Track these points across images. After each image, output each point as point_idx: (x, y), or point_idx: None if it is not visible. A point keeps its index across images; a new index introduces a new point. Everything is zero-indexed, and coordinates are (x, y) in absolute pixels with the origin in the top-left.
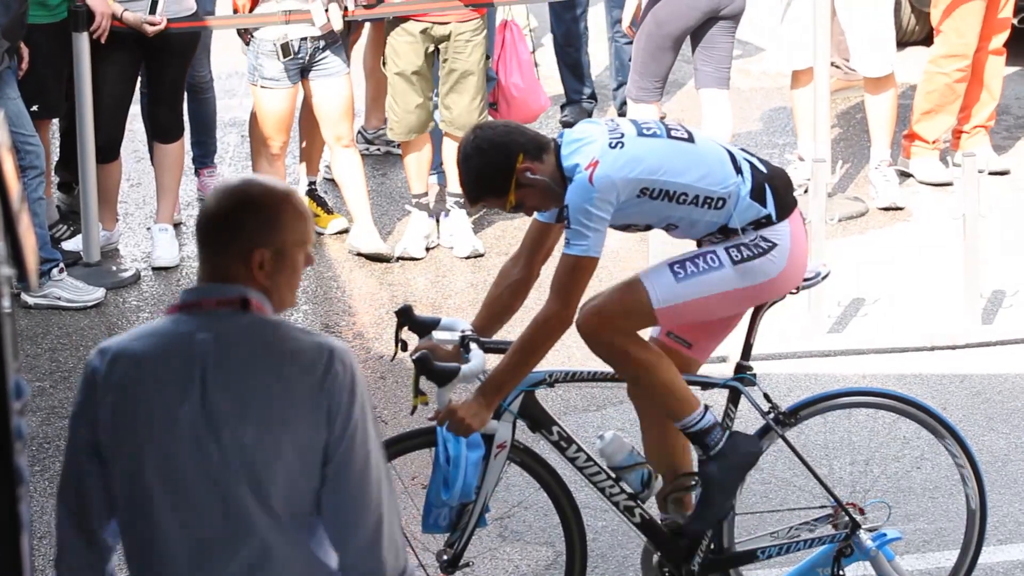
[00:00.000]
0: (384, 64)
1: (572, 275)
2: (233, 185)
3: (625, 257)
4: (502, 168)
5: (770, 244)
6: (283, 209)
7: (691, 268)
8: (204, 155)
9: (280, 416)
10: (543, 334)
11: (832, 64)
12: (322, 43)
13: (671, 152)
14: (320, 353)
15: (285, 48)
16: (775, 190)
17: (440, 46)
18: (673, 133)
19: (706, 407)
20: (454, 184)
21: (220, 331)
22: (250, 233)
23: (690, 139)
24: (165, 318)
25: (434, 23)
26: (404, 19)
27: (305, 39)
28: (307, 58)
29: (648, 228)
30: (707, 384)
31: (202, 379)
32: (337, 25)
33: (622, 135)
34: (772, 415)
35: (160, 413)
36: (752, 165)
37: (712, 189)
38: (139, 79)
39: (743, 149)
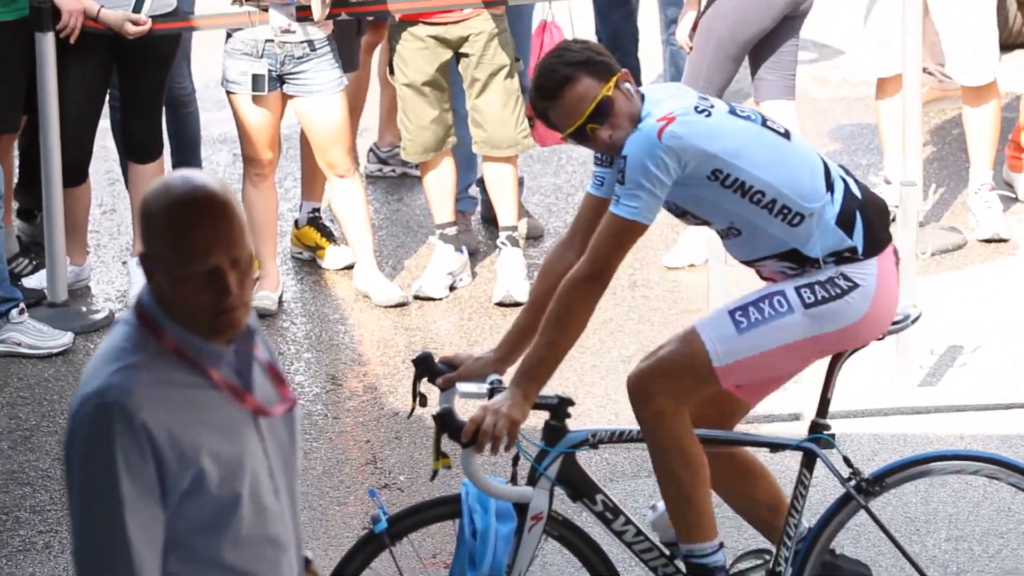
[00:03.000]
0: (391, 73)
1: (615, 239)
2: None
3: (684, 291)
4: (607, 63)
5: (850, 284)
6: (158, 212)
7: (755, 315)
8: None
9: None
10: (574, 301)
11: (924, 71)
12: (297, 52)
13: (761, 141)
14: (85, 384)
15: (256, 81)
16: (867, 221)
17: (458, 52)
18: (769, 124)
19: (721, 544)
20: (505, 216)
21: (113, 325)
22: (140, 235)
23: (786, 136)
24: None
25: (442, 23)
26: (410, 22)
27: (272, 41)
28: (278, 66)
29: (707, 223)
30: (776, 445)
31: None
32: (323, 14)
33: (712, 106)
34: (853, 482)
35: None
36: (847, 187)
37: (793, 199)
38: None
39: (842, 166)
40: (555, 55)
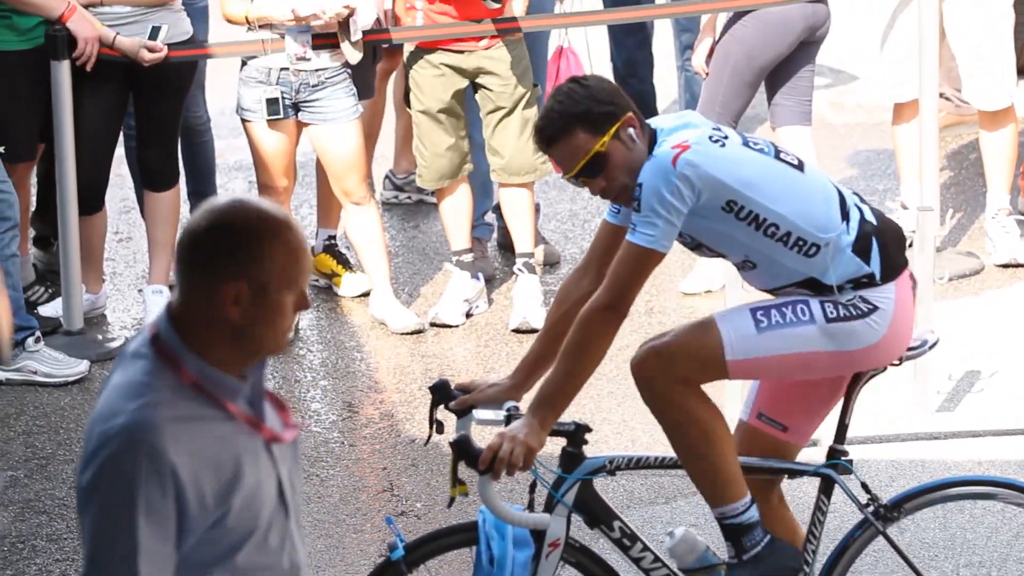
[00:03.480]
0: (407, 103)
1: (632, 267)
2: (221, 204)
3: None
4: (611, 107)
5: (870, 307)
6: (270, 238)
7: (776, 317)
8: None
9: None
10: (593, 331)
11: (941, 95)
12: (312, 79)
13: (773, 173)
14: (102, 424)
15: (271, 104)
16: (883, 247)
17: (475, 81)
18: (782, 156)
19: (753, 499)
20: (522, 243)
21: (129, 358)
22: (223, 262)
23: (799, 167)
24: None
25: (460, 51)
26: (427, 49)
27: (287, 69)
28: (292, 94)
29: (722, 256)
30: (794, 471)
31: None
32: (356, 57)
33: (726, 136)
34: (872, 508)
35: None
36: (862, 214)
37: (808, 231)
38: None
39: (856, 193)
40: (559, 99)
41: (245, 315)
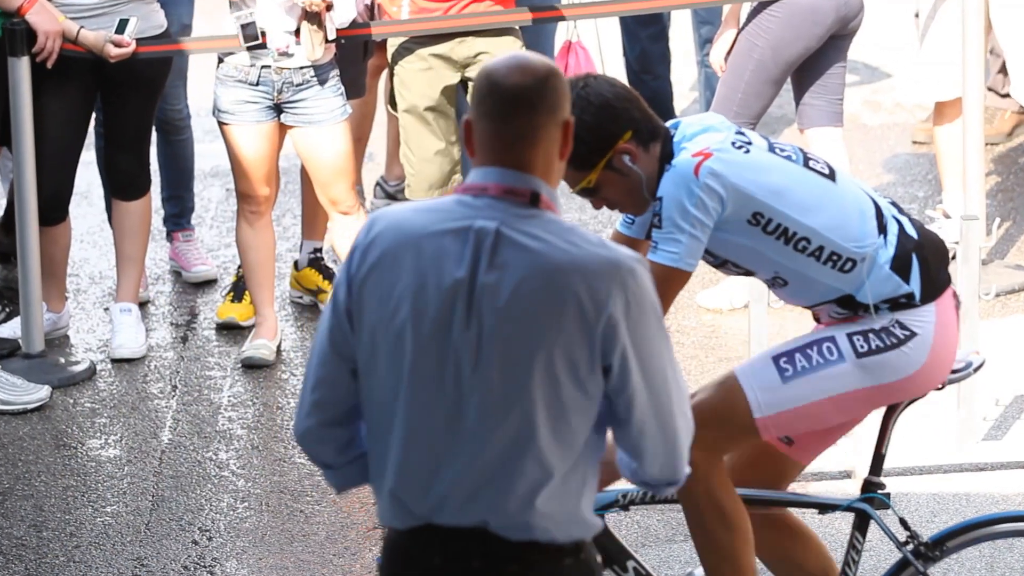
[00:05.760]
0: (392, 102)
1: (656, 290)
2: (521, 59)
3: (722, 337)
4: (603, 137)
5: (907, 333)
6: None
7: (801, 362)
8: (179, 214)
9: (550, 329)
10: None
11: (1007, 95)
12: (296, 79)
13: (803, 183)
14: (606, 268)
15: (249, 34)
16: (924, 263)
17: (467, 73)
18: (812, 164)
19: None
20: None
21: (503, 222)
22: (566, 104)
23: (831, 176)
24: (450, 197)
25: (451, 36)
26: (415, 42)
27: (268, 67)
28: (274, 94)
29: (749, 274)
30: (826, 506)
31: (472, 269)
32: (315, 54)
33: (749, 142)
34: (911, 546)
35: (413, 292)
36: (901, 227)
37: (843, 245)
38: (93, 117)
39: (894, 203)
40: None
41: (558, 160)
